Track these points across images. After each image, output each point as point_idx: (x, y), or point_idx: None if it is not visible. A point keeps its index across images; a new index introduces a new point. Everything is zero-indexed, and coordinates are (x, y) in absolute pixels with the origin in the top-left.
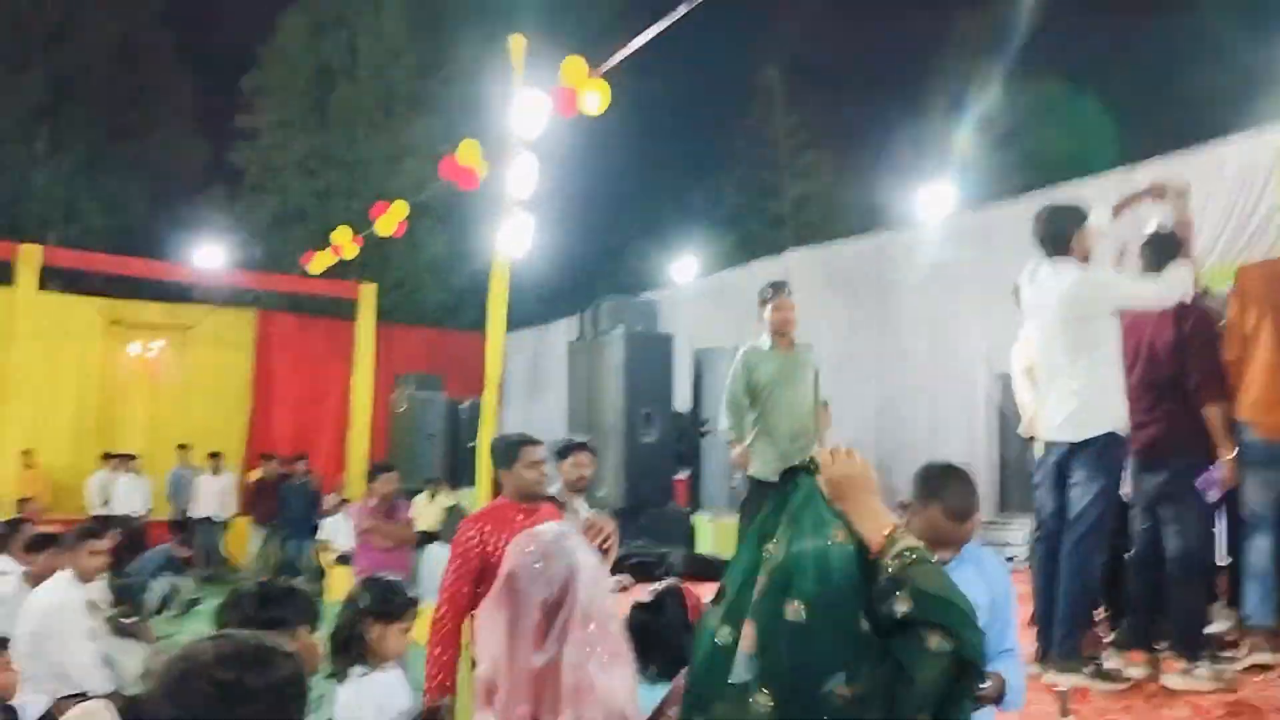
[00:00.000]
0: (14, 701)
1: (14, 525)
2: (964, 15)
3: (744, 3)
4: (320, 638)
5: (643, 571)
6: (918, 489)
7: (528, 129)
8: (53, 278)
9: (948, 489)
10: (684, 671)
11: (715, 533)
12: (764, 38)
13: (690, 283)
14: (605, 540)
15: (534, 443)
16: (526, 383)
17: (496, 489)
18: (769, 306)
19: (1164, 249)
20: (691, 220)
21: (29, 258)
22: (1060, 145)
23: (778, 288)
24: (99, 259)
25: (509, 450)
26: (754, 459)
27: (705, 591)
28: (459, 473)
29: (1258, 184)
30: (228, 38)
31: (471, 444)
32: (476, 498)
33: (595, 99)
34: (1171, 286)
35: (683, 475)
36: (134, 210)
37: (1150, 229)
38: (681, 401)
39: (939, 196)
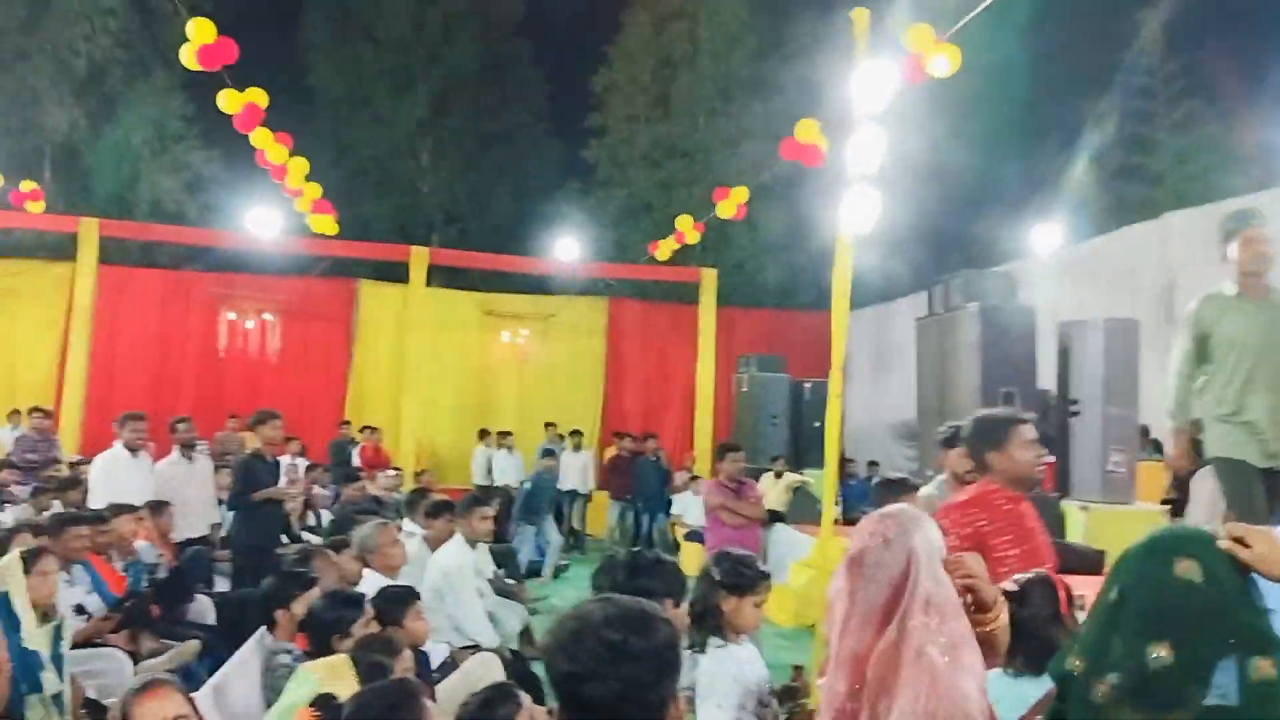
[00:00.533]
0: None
1: (419, 494)
2: None
3: None
4: (682, 611)
5: None
6: None
7: (872, 101)
8: (437, 275)
9: None
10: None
11: (1087, 522)
12: None
13: (1054, 252)
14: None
15: (1024, 420)
16: (870, 362)
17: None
18: (1236, 241)
19: None
20: (1052, 185)
21: (419, 258)
22: None
23: (1246, 215)
24: (474, 257)
25: (998, 429)
26: (1219, 441)
27: (1075, 584)
28: (802, 453)
29: None
30: (578, 41)
31: (817, 424)
32: (824, 479)
33: (944, 62)
34: None
35: (1049, 459)
36: (501, 210)
37: None
38: (1046, 380)
39: None
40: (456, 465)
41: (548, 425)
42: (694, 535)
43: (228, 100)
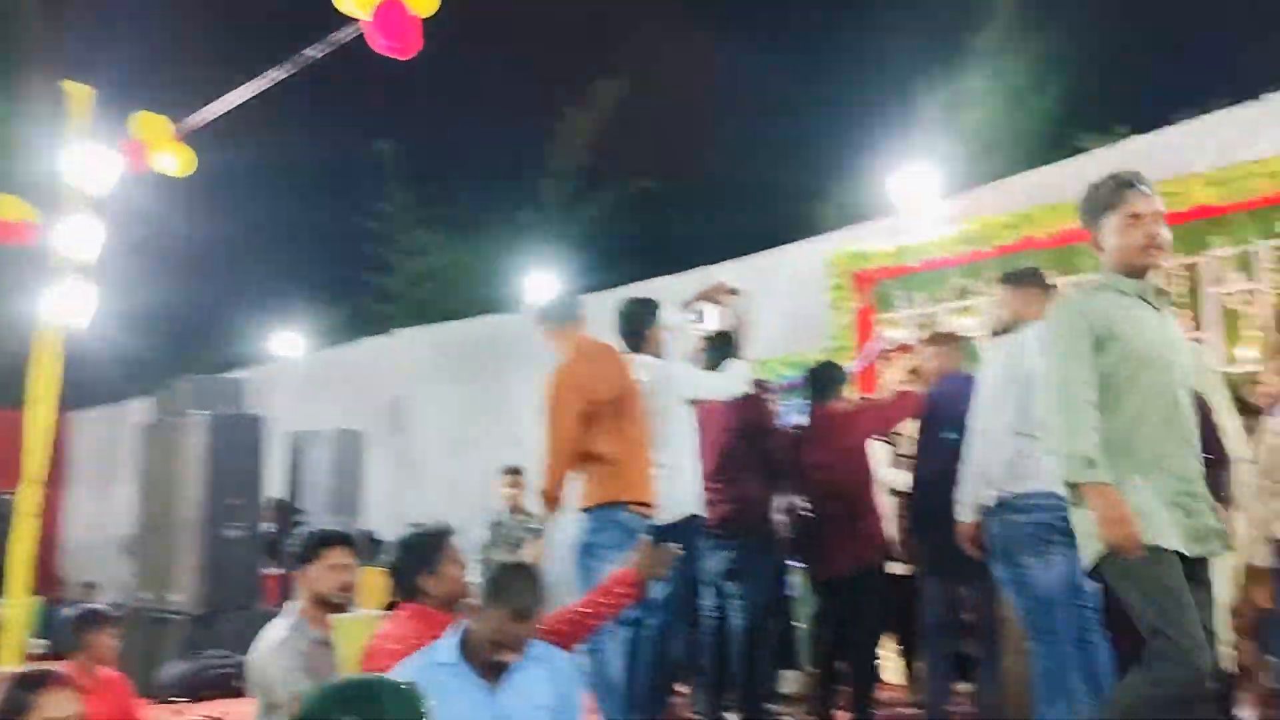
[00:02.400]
0: None
1: None
2: (569, 113)
3: (354, 77)
4: None
5: (221, 684)
6: (483, 590)
7: (90, 184)
8: None
9: (511, 589)
10: None
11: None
12: (377, 111)
13: (290, 360)
14: None
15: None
16: (99, 469)
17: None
18: (1118, 214)
19: (723, 345)
20: (294, 294)
21: None
22: (651, 241)
23: (1133, 180)
24: None
25: (430, 549)
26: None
27: None
28: None
29: (812, 285)
30: None
31: None
32: (10, 608)
33: (174, 160)
34: (733, 380)
35: (276, 571)
36: None
37: (711, 327)
38: (276, 489)
39: (544, 284)
40: None
41: None
42: None
43: None
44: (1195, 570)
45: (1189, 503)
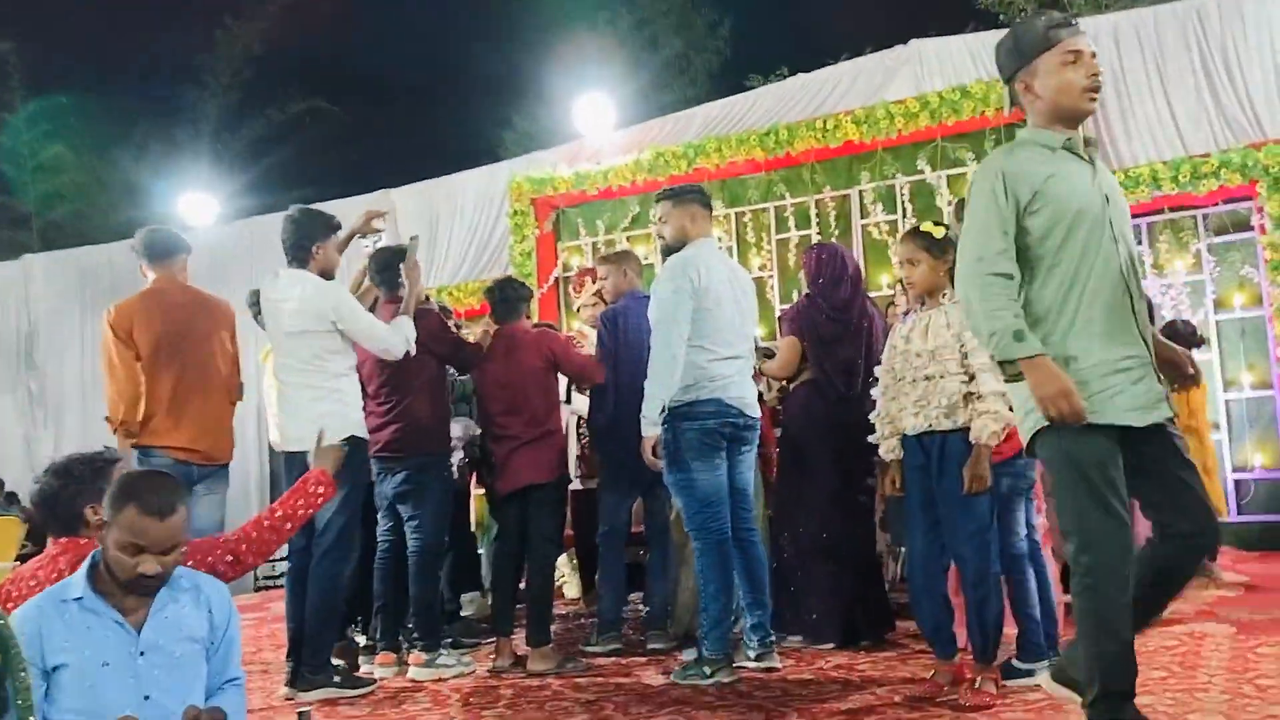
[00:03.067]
0: None
1: None
2: (231, 23)
3: None
4: None
5: None
6: (111, 496)
7: None
8: None
9: (140, 487)
10: None
11: None
12: None
13: None
14: None
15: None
16: None
17: None
18: (1056, 52)
19: (388, 265)
20: None
21: None
22: (324, 163)
23: (1066, 19)
24: None
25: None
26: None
27: None
28: None
29: (494, 211)
30: None
31: None
32: None
33: None
34: (395, 333)
35: None
36: None
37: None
38: None
39: (202, 204)
40: None
41: None
42: None
43: None
44: (1154, 438)
45: (1134, 367)
